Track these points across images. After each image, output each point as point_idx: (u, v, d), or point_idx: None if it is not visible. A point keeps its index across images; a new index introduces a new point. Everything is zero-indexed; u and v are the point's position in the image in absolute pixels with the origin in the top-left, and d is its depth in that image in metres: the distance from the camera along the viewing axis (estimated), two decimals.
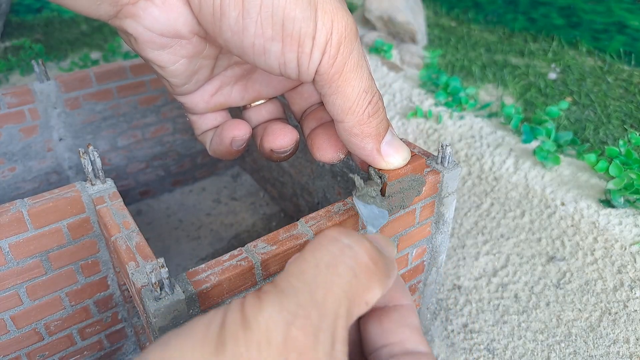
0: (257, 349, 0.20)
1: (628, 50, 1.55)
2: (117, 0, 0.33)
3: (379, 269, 0.25)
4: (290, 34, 0.33)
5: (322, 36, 0.33)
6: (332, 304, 0.22)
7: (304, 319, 0.21)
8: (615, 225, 0.83)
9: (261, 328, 0.20)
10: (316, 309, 0.22)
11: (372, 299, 0.24)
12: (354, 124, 0.37)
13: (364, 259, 0.24)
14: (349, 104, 0.36)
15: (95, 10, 0.33)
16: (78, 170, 0.88)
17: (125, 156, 0.93)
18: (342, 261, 0.24)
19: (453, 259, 0.82)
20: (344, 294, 0.23)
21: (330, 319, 0.22)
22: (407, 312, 0.29)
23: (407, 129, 1.18)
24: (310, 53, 0.34)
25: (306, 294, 0.22)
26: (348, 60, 0.35)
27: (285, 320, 0.21)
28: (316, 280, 0.23)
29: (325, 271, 0.23)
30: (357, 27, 0.37)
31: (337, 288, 0.23)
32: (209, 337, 0.20)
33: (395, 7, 1.58)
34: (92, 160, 0.50)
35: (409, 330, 0.28)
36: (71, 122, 0.84)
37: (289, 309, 0.21)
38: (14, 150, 0.80)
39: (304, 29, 0.33)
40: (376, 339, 0.28)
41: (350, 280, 0.23)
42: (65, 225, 0.51)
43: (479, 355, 0.67)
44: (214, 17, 0.33)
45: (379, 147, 0.39)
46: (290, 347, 0.20)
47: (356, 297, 0.23)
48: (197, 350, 0.20)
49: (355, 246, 0.24)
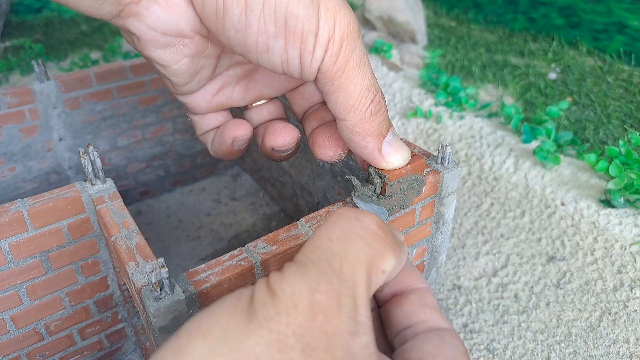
0: (286, 313, 0.21)
1: (628, 50, 1.55)
2: (119, 0, 0.33)
3: (389, 239, 0.26)
4: (293, 31, 0.33)
5: (324, 33, 0.33)
6: (350, 271, 0.23)
7: (326, 285, 0.22)
8: (615, 225, 0.83)
9: (287, 295, 0.22)
10: (336, 276, 0.23)
11: (388, 267, 0.26)
12: (356, 122, 0.37)
13: (373, 228, 0.25)
14: (351, 102, 0.36)
15: (97, 9, 0.33)
16: (78, 170, 0.88)
17: (125, 156, 0.93)
18: (353, 232, 0.25)
19: (453, 259, 0.82)
20: (360, 261, 0.24)
21: (350, 284, 0.23)
22: (425, 294, 0.30)
23: (407, 129, 1.18)
24: (312, 50, 0.34)
25: (324, 263, 0.23)
26: (350, 57, 0.35)
27: (309, 286, 0.22)
28: (331, 251, 0.24)
29: (338, 242, 0.24)
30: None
31: (351, 256, 0.24)
32: (240, 307, 0.22)
33: (395, 7, 1.58)
34: (92, 160, 0.50)
35: (430, 310, 0.29)
36: (71, 122, 0.83)
37: (311, 276, 0.22)
38: (14, 150, 0.80)
39: (307, 26, 0.33)
40: (399, 321, 0.30)
41: (363, 247, 0.24)
42: (65, 225, 0.51)
43: (479, 355, 0.67)
44: (217, 15, 0.33)
45: (380, 147, 0.39)
46: (316, 310, 0.21)
47: (372, 263, 0.25)
48: (230, 318, 0.21)
49: (363, 218, 0.26)
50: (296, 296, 0.22)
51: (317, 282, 0.22)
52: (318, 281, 0.22)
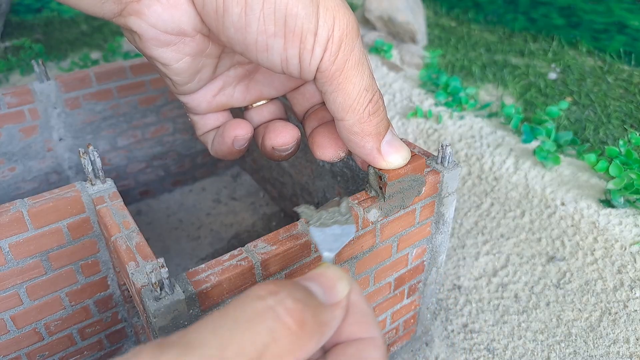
0: None
1: (628, 50, 1.55)
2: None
3: (305, 331, 0.23)
4: (293, 30, 0.33)
5: (323, 33, 0.33)
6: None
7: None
8: (615, 225, 0.83)
9: None
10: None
11: (301, 356, 0.23)
12: (354, 122, 0.37)
13: (287, 321, 0.23)
14: (350, 102, 0.36)
15: (100, 8, 0.33)
16: (78, 170, 0.88)
17: (125, 156, 0.93)
18: (262, 322, 0.22)
19: (453, 259, 0.82)
20: (258, 356, 0.21)
21: None
22: (366, 346, 0.27)
23: (407, 129, 1.18)
24: (312, 50, 0.34)
25: (214, 349, 0.21)
26: (349, 57, 0.35)
27: None
28: (231, 336, 0.21)
29: (243, 328, 0.22)
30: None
31: (251, 348, 0.21)
32: None
33: (395, 7, 1.58)
34: (92, 160, 0.50)
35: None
36: (71, 122, 0.83)
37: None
38: (14, 150, 0.80)
39: (306, 25, 0.33)
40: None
41: (268, 343, 0.22)
42: (65, 225, 0.51)
43: (479, 355, 0.67)
44: (217, 14, 0.33)
45: (379, 147, 0.39)
46: None
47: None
48: None
49: (279, 308, 0.23)
50: None
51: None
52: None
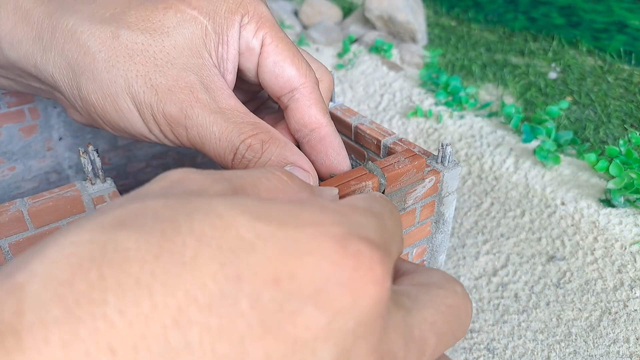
0: None
1: (628, 50, 1.55)
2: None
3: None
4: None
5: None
6: None
7: None
8: (615, 225, 0.83)
9: None
10: None
11: None
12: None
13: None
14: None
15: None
16: (78, 170, 0.88)
17: (125, 155, 0.93)
18: None
19: (453, 259, 0.82)
20: None
21: None
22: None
23: (407, 129, 1.18)
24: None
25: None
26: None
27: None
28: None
29: None
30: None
31: None
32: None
33: (395, 7, 1.58)
34: (92, 160, 0.50)
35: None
36: (71, 121, 0.83)
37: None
38: (13, 150, 0.80)
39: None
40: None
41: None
42: (66, 224, 0.51)
43: (479, 355, 0.67)
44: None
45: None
46: None
47: None
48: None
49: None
50: None
51: None
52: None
